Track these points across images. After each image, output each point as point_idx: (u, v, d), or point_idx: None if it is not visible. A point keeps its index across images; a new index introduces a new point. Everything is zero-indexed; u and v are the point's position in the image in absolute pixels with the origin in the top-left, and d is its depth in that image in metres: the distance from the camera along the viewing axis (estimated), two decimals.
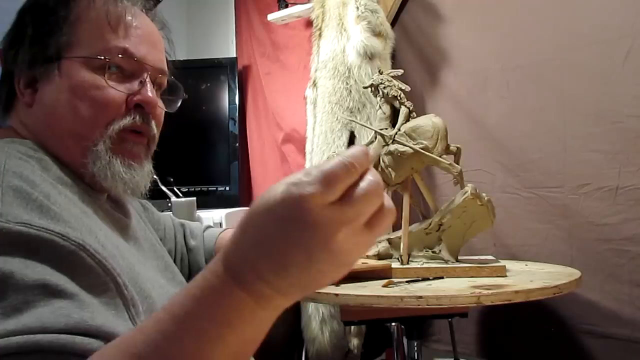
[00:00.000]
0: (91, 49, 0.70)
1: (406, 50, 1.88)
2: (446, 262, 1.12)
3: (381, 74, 1.27)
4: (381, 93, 1.24)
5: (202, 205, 1.81)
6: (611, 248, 1.32)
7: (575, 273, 1.07)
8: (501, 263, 1.11)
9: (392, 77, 1.25)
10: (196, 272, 0.59)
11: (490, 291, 0.89)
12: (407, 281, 1.04)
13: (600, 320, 1.33)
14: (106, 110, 0.70)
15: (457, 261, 1.13)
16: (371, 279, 1.06)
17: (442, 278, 1.06)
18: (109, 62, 0.70)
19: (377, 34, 1.77)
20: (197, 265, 1.01)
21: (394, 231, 1.24)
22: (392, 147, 1.18)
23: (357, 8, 1.78)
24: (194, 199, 1.74)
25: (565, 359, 1.40)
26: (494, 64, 1.61)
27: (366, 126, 1.46)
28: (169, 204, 1.70)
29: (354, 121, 1.66)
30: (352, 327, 1.74)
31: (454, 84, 1.73)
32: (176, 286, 0.77)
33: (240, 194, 2.20)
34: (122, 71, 0.72)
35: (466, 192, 1.11)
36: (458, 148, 1.17)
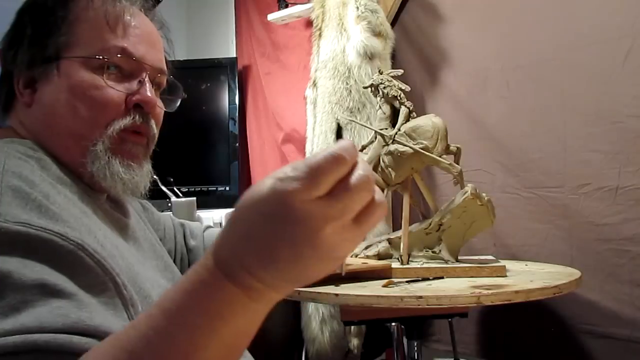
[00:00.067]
0: (90, 48, 0.70)
1: (406, 50, 1.88)
2: (446, 262, 1.12)
3: (381, 74, 1.27)
4: (381, 93, 1.24)
5: (202, 205, 1.81)
6: (611, 248, 1.32)
7: (575, 273, 1.07)
8: (501, 263, 1.11)
9: (392, 77, 1.25)
10: None
11: (490, 291, 0.89)
12: (407, 281, 1.04)
13: (600, 320, 1.33)
14: (105, 110, 0.70)
15: (457, 261, 1.13)
16: (371, 279, 1.05)
17: (442, 278, 1.06)
18: (107, 62, 0.70)
19: (377, 34, 1.77)
20: None
21: (394, 231, 1.24)
22: (392, 147, 1.18)
23: (357, 8, 1.78)
24: (194, 199, 1.74)
25: (565, 359, 1.40)
26: (494, 64, 1.60)
27: (366, 126, 1.46)
28: (169, 204, 1.70)
29: (354, 121, 1.66)
30: (352, 327, 1.74)
31: (454, 84, 1.72)
32: None
33: (240, 194, 2.19)
34: (121, 71, 0.72)
35: (466, 192, 1.11)
36: (458, 148, 1.17)
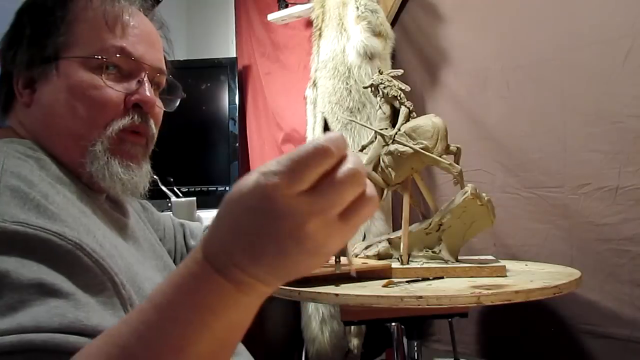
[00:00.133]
0: (89, 48, 0.70)
1: (406, 50, 1.88)
2: (446, 262, 1.12)
3: (381, 74, 1.27)
4: (381, 93, 1.24)
5: (202, 205, 1.81)
6: (611, 248, 1.32)
7: (575, 273, 1.07)
8: (501, 263, 1.11)
9: (392, 77, 1.25)
10: None
11: (490, 291, 0.89)
12: (407, 281, 1.04)
13: (600, 320, 1.33)
14: (104, 110, 0.70)
15: (457, 261, 1.13)
16: (371, 279, 1.05)
17: (442, 278, 1.06)
18: (106, 62, 0.70)
19: (377, 34, 1.77)
20: None
21: (394, 231, 1.24)
22: (392, 147, 1.18)
23: (357, 8, 1.78)
24: (194, 199, 1.74)
25: (565, 359, 1.40)
26: (494, 64, 1.60)
27: (366, 126, 1.46)
28: (169, 204, 1.70)
29: (354, 121, 1.66)
30: (352, 327, 1.74)
31: (454, 84, 1.72)
32: None
33: None
34: (120, 71, 0.72)
35: (466, 192, 1.11)
36: (458, 148, 1.17)
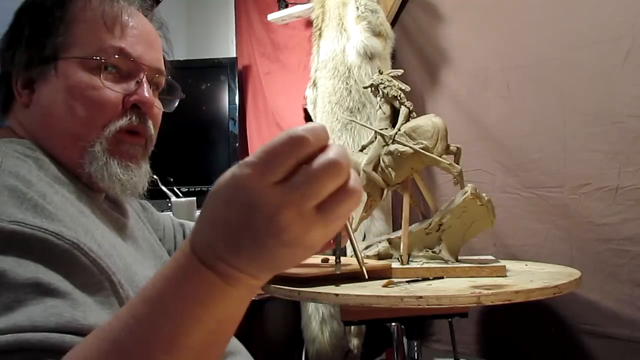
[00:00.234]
0: (87, 49, 0.70)
1: (406, 50, 1.88)
2: (446, 262, 1.12)
3: (381, 74, 1.27)
4: (381, 93, 1.24)
5: (202, 205, 1.81)
6: (611, 248, 1.32)
7: (575, 273, 1.07)
8: (501, 263, 1.11)
9: (392, 77, 1.25)
10: None
11: (490, 291, 0.89)
12: (407, 281, 1.04)
13: (600, 320, 1.32)
14: (102, 110, 0.70)
15: (457, 261, 1.13)
16: (371, 279, 1.05)
17: (442, 278, 1.06)
18: (105, 63, 0.70)
19: (377, 34, 1.77)
20: None
21: (394, 231, 1.24)
22: (392, 147, 1.18)
23: (357, 8, 1.78)
24: (194, 199, 1.74)
25: (565, 359, 1.40)
26: (494, 64, 1.60)
27: (366, 126, 1.46)
28: (169, 204, 1.70)
29: (354, 121, 1.66)
30: (352, 327, 1.74)
31: (454, 84, 1.72)
32: None
33: None
34: (119, 71, 0.72)
35: (466, 192, 1.11)
36: (458, 148, 1.17)
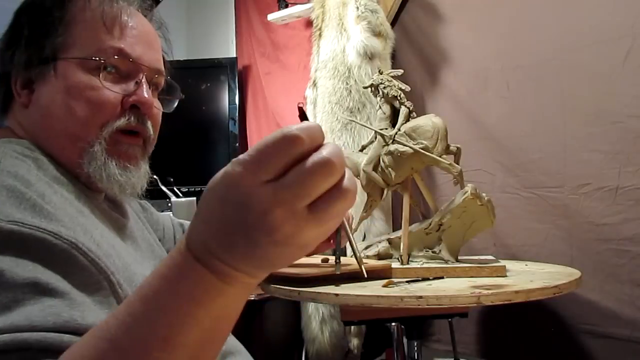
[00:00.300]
0: (86, 49, 0.70)
1: (406, 50, 1.88)
2: (446, 262, 1.12)
3: (381, 74, 1.27)
4: (381, 93, 1.24)
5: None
6: (611, 248, 1.32)
7: (575, 273, 1.07)
8: (501, 263, 1.11)
9: (392, 77, 1.25)
10: None
11: (490, 291, 0.89)
12: (407, 281, 1.04)
13: (600, 320, 1.32)
14: (101, 111, 0.70)
15: (457, 261, 1.13)
16: (371, 279, 1.05)
17: (442, 278, 1.06)
18: (104, 63, 0.70)
19: (377, 34, 1.77)
20: None
21: (394, 231, 1.24)
22: (392, 147, 1.18)
23: (357, 8, 1.78)
24: (194, 199, 1.75)
25: (565, 359, 1.40)
26: (494, 64, 1.60)
27: (366, 126, 1.46)
28: (169, 204, 1.70)
29: (354, 121, 1.66)
30: (352, 327, 1.74)
31: (454, 84, 1.72)
32: None
33: None
34: (118, 72, 0.72)
35: (466, 192, 1.11)
36: (458, 148, 1.17)
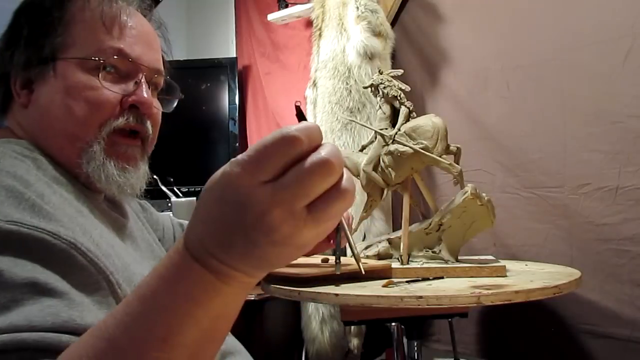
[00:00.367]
0: (86, 49, 0.70)
1: (406, 50, 1.88)
2: (446, 262, 1.12)
3: (381, 74, 1.27)
4: (381, 93, 1.24)
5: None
6: (611, 248, 1.32)
7: (575, 273, 1.07)
8: (501, 263, 1.11)
9: (392, 77, 1.25)
10: None
11: (490, 291, 0.89)
12: (407, 281, 1.04)
13: (600, 320, 1.33)
14: (100, 111, 0.70)
15: (457, 261, 1.13)
16: (371, 279, 1.05)
17: (442, 278, 1.06)
18: (103, 63, 0.70)
19: (377, 34, 1.77)
20: None
21: (394, 231, 1.24)
22: (392, 147, 1.18)
23: (357, 8, 1.78)
24: (194, 199, 1.75)
25: (565, 359, 1.40)
26: (494, 64, 1.60)
27: (366, 126, 1.46)
28: (169, 204, 1.70)
29: (354, 121, 1.66)
30: (352, 327, 1.73)
31: (454, 84, 1.72)
32: None
33: None
34: (118, 72, 0.72)
35: (466, 192, 1.11)
36: (458, 148, 1.17)
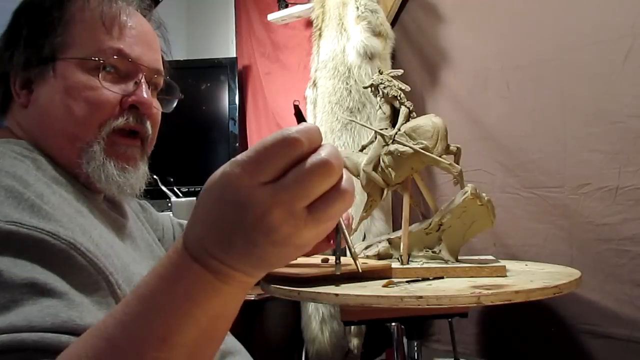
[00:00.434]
0: (85, 50, 0.70)
1: (406, 50, 1.88)
2: (446, 262, 1.12)
3: (381, 74, 1.27)
4: (381, 93, 1.24)
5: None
6: (611, 248, 1.32)
7: (575, 273, 1.07)
8: (501, 263, 1.11)
9: (392, 77, 1.25)
10: None
11: (490, 291, 0.89)
12: (407, 281, 1.04)
13: (600, 320, 1.33)
14: (100, 111, 0.70)
15: (457, 261, 1.13)
16: (371, 279, 1.05)
17: (442, 278, 1.06)
18: (103, 63, 0.70)
19: (377, 34, 1.77)
20: None
21: (394, 231, 1.24)
22: (392, 147, 1.18)
23: (357, 8, 1.78)
24: (194, 199, 1.74)
25: (565, 359, 1.40)
26: (494, 64, 1.60)
27: (366, 126, 1.46)
28: (169, 204, 1.70)
29: (354, 121, 1.66)
30: (352, 327, 1.74)
31: (454, 84, 1.72)
32: None
33: None
34: (117, 72, 0.72)
35: (466, 192, 1.11)
36: (458, 148, 1.17)
